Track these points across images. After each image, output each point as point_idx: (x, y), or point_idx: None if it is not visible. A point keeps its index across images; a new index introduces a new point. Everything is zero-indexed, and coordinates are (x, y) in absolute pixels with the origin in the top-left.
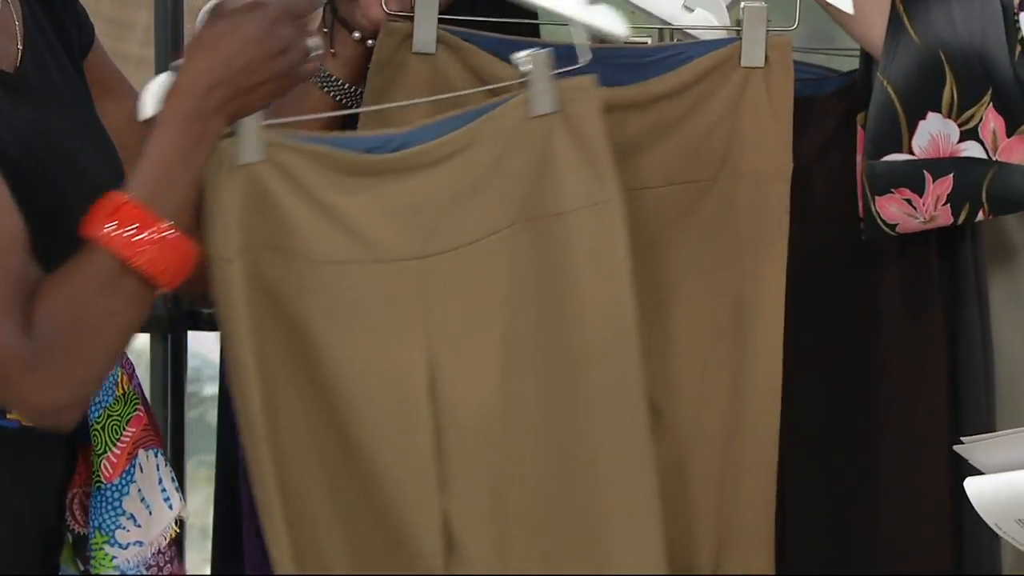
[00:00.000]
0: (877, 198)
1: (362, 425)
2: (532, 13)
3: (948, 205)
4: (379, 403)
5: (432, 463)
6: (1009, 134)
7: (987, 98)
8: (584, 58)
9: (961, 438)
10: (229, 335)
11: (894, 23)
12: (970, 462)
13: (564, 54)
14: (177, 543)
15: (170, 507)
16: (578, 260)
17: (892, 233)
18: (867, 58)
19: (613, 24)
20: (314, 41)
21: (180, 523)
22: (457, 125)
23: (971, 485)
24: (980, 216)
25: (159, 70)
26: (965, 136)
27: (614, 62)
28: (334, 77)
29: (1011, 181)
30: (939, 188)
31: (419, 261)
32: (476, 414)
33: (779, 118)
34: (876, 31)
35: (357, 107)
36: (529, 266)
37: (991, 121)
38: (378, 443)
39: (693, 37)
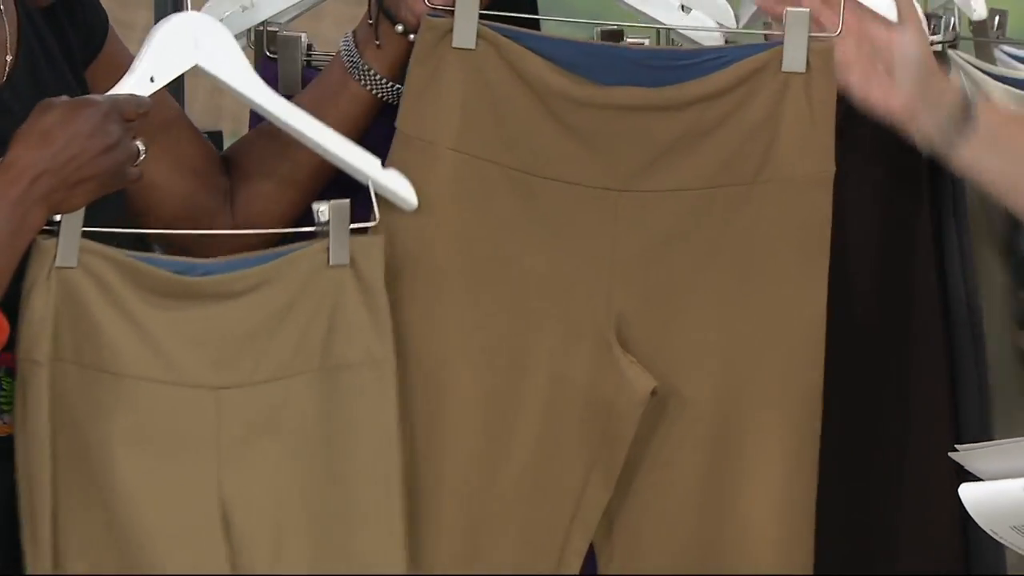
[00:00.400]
0: None
1: (152, 544)
2: (573, 12)
3: None
4: (170, 526)
5: None
6: None
7: None
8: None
9: (956, 446)
10: (25, 439)
11: None
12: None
13: (605, 53)
14: None
15: None
16: (357, 415)
17: None
18: None
19: (406, 191)
20: (141, 145)
21: None
22: (257, 263)
23: (966, 492)
24: None
25: None
26: None
27: (653, 63)
28: (373, 71)
29: None
30: None
31: (213, 390)
32: (266, 548)
33: (820, 124)
34: None
35: (394, 102)
36: (315, 414)
37: None
38: (170, 565)
39: (690, 40)
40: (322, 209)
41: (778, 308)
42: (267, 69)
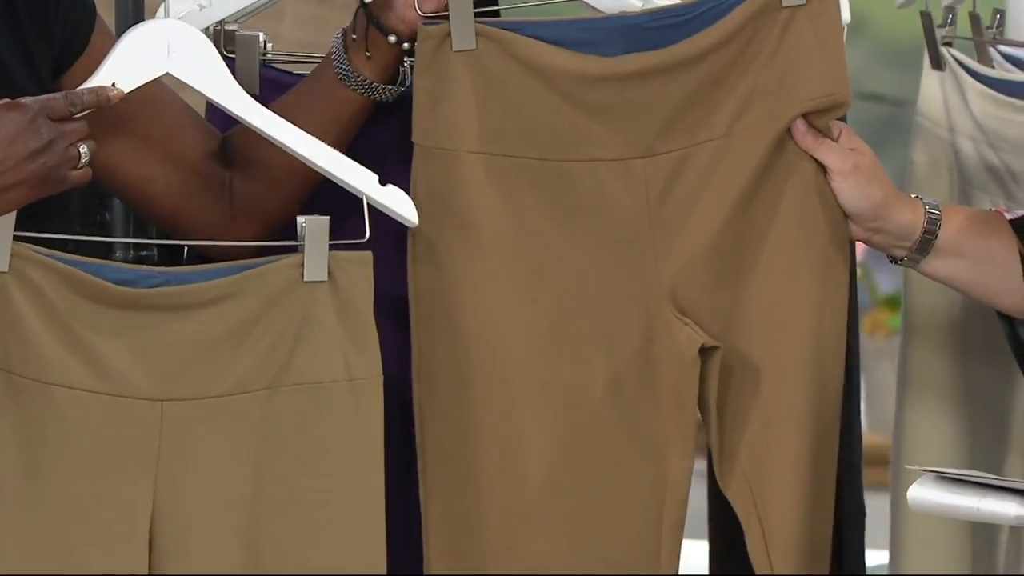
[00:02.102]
0: None
1: (73, 562)
2: None
3: None
4: (91, 544)
5: None
6: None
7: None
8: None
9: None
10: None
11: None
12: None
13: (605, 26)
14: None
15: None
16: (332, 434)
17: None
18: None
19: (404, 208)
20: (85, 148)
21: None
22: (224, 274)
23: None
24: None
25: None
26: None
27: (656, 24)
28: (364, 78)
29: None
30: None
31: (155, 403)
32: (194, 569)
33: (828, 51)
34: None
35: (389, 101)
36: (279, 432)
37: None
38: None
39: None
40: (301, 223)
41: (814, 234)
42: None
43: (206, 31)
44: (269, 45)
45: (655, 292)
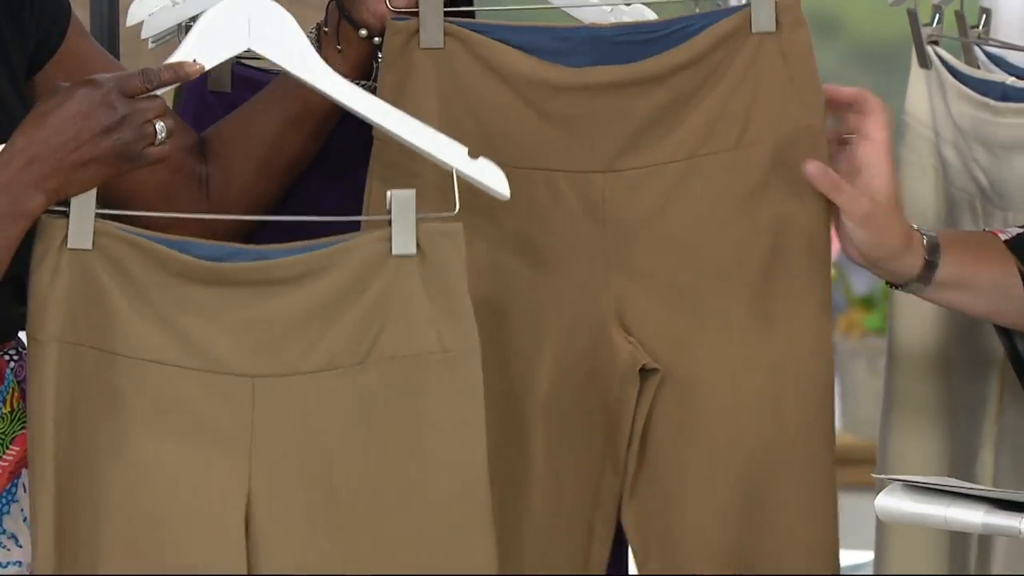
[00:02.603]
0: None
1: (166, 538)
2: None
3: None
4: (187, 520)
5: None
6: None
7: None
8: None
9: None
10: (32, 418)
11: None
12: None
13: (575, 36)
14: None
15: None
16: (430, 409)
17: None
18: None
19: (496, 180)
20: (161, 124)
21: None
22: (312, 250)
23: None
24: None
25: None
26: None
27: (625, 39)
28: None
29: None
30: None
31: (249, 379)
32: (292, 549)
33: (797, 79)
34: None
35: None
36: (374, 408)
37: None
38: (186, 557)
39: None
40: (388, 197)
41: (782, 269)
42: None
43: (177, 27)
44: None
45: (603, 308)
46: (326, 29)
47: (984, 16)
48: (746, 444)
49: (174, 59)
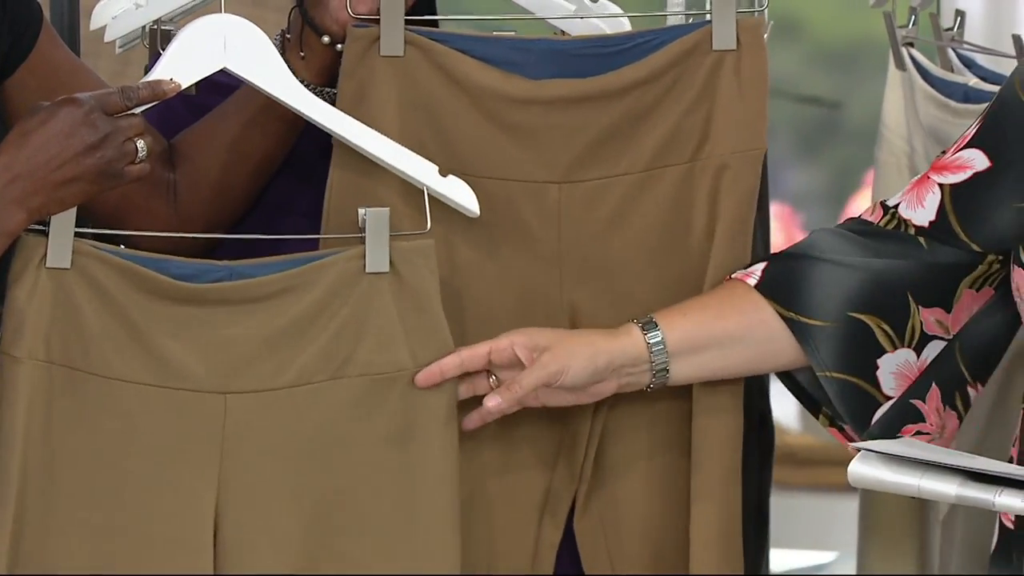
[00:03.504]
0: None
1: (132, 554)
2: (498, 10)
3: (948, 408)
4: (154, 536)
5: None
6: (948, 310)
7: (913, 306)
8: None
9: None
10: (2, 434)
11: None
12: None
13: (534, 48)
14: None
15: None
16: (403, 425)
17: None
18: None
19: (466, 198)
20: (142, 143)
21: None
22: (286, 267)
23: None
24: (976, 391)
25: None
26: (920, 347)
27: (585, 52)
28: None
29: (973, 338)
30: (933, 402)
31: (221, 396)
32: (260, 561)
33: (750, 101)
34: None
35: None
36: (345, 423)
37: (929, 316)
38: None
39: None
40: (362, 215)
41: (719, 279)
42: None
43: (142, 30)
44: None
45: (557, 315)
46: (289, 36)
47: (959, 19)
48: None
49: (152, 77)
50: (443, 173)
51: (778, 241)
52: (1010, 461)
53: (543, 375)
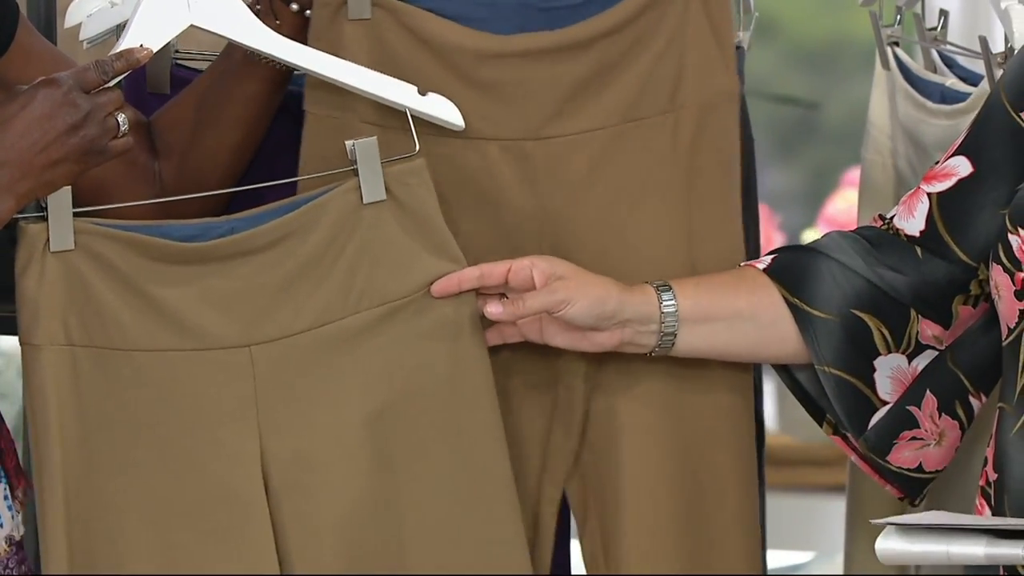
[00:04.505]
0: (888, 459)
1: (189, 521)
2: None
3: (946, 416)
4: (206, 499)
5: (271, 556)
6: (946, 328)
7: (914, 315)
8: None
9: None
10: (35, 424)
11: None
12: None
13: (501, 4)
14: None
15: (0, 525)
16: (431, 345)
17: (926, 475)
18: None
19: (448, 113)
20: (123, 116)
21: (11, 541)
22: (285, 212)
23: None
24: (980, 401)
25: None
26: (913, 354)
27: (551, 6)
28: None
29: (968, 349)
30: (928, 409)
31: (246, 349)
32: (315, 504)
33: (721, 42)
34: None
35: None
36: (373, 355)
37: (927, 328)
38: (212, 535)
39: None
40: (350, 147)
41: (702, 232)
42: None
43: (117, 28)
44: (178, 44)
45: None
46: (258, 7)
47: (942, 19)
48: (682, 413)
49: (121, 47)
50: (422, 92)
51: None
52: (986, 462)
53: (549, 300)
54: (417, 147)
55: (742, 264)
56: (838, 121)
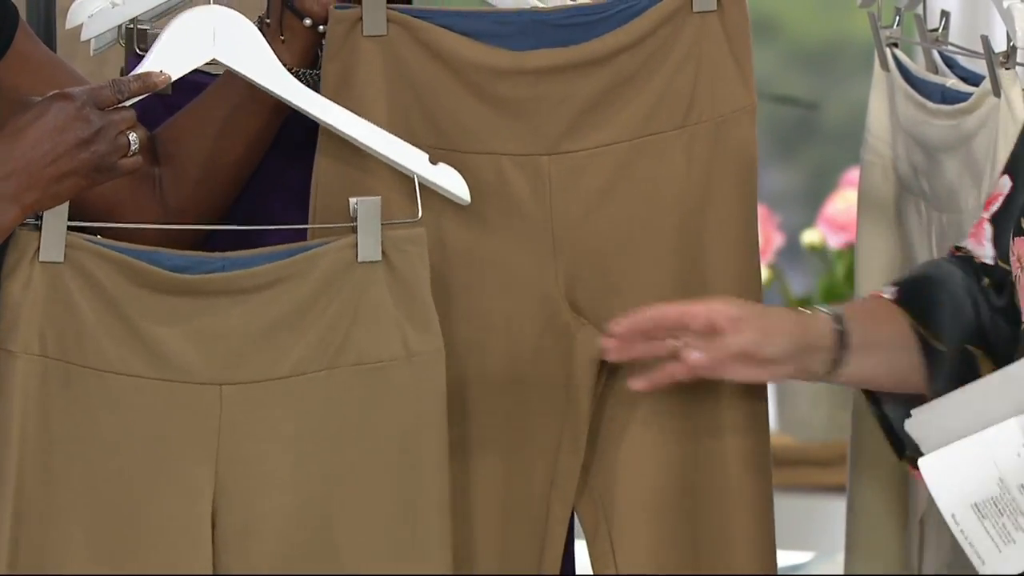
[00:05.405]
0: None
1: (132, 546)
2: None
3: None
4: (153, 528)
5: None
6: None
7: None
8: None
9: (912, 411)
10: None
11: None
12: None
13: (516, 20)
14: None
15: None
16: (394, 413)
17: None
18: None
19: (457, 186)
20: (134, 136)
21: None
22: (279, 258)
23: (926, 464)
24: None
25: None
26: None
27: (566, 22)
28: (287, 65)
29: None
30: None
31: (216, 387)
32: (258, 551)
33: (738, 59)
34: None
35: (310, 85)
36: (339, 412)
37: None
38: (152, 566)
39: None
40: (353, 205)
41: (717, 248)
42: (136, 67)
43: (118, 30)
44: None
45: (553, 290)
46: (268, 21)
47: (944, 20)
48: (693, 429)
49: (142, 69)
50: (433, 161)
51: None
52: None
53: (749, 342)
54: (420, 214)
55: (869, 294)
56: (838, 121)
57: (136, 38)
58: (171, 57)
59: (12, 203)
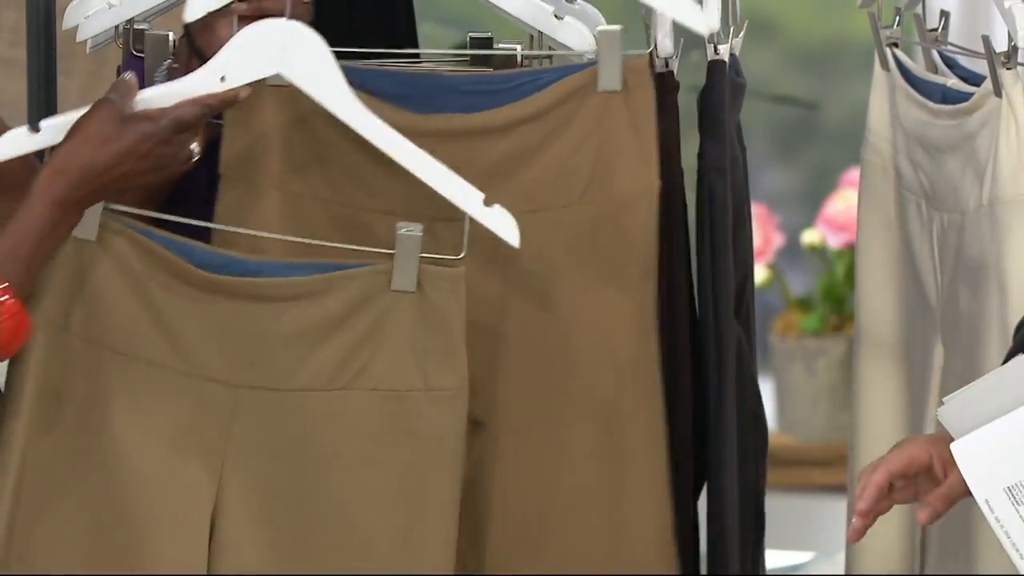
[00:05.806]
0: None
1: (129, 532)
2: (446, 14)
3: None
4: (152, 517)
5: None
6: None
7: None
8: None
9: (943, 399)
10: (9, 398)
11: None
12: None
13: (422, 83)
14: None
15: None
16: (405, 442)
17: None
18: None
19: (507, 229)
20: (195, 147)
21: None
22: (313, 271)
23: (959, 448)
24: None
25: (30, 71)
26: None
27: (472, 88)
28: None
29: None
30: None
31: (232, 388)
32: (253, 557)
33: (642, 140)
34: None
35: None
36: (351, 433)
37: None
38: (145, 563)
39: (563, 46)
40: (399, 232)
41: (607, 325)
42: (133, 67)
43: (115, 30)
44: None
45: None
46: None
47: (943, 20)
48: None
49: (204, 73)
50: (487, 203)
51: (754, 242)
52: None
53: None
54: (464, 252)
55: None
56: (838, 121)
57: (132, 38)
58: (235, 65)
59: (81, 205)
